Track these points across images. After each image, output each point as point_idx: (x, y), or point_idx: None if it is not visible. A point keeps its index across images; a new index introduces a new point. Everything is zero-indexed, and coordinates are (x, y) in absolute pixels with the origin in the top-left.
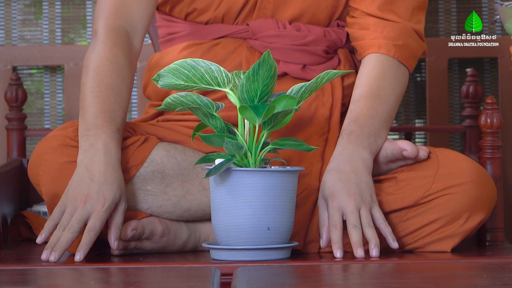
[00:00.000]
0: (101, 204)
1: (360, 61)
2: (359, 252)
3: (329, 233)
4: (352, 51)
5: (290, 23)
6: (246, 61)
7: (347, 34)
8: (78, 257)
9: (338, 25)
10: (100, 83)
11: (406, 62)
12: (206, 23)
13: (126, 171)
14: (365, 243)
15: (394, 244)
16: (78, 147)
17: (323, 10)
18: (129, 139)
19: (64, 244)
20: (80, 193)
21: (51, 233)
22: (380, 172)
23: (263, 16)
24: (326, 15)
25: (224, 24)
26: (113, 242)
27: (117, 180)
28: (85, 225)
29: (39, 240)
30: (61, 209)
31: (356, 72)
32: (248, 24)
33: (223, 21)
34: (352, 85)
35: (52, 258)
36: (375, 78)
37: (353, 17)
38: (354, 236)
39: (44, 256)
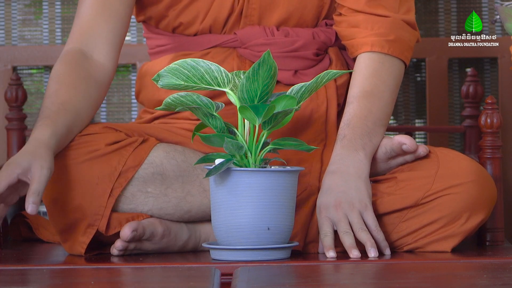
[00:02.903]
0: (5, 170)
1: (351, 58)
2: (354, 253)
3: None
4: (342, 48)
5: (277, 29)
6: (237, 70)
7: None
8: None
9: (326, 24)
10: (45, 99)
11: (401, 55)
12: (194, 35)
13: (124, 173)
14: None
15: (386, 252)
16: (75, 150)
17: (309, 11)
18: (126, 140)
19: None
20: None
21: None
22: (379, 172)
23: (250, 23)
24: (313, 16)
25: (212, 34)
26: (27, 206)
27: (30, 151)
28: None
29: None
30: None
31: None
32: (235, 33)
33: (211, 32)
34: (345, 84)
35: None
36: (368, 76)
37: (340, 14)
38: (347, 241)
39: None
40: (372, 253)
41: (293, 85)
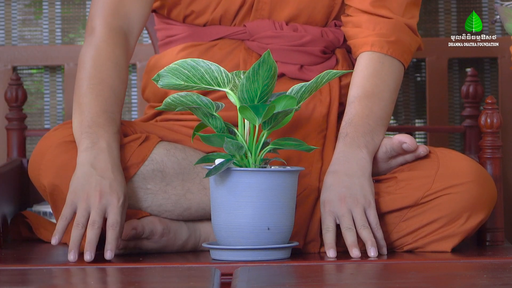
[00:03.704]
0: (116, 199)
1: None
2: (354, 252)
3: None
4: (349, 51)
5: (287, 24)
6: (243, 62)
7: None
8: (109, 255)
9: (335, 25)
10: (102, 81)
11: (400, 57)
12: (204, 25)
13: (127, 169)
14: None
15: (383, 251)
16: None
17: (319, 10)
18: (130, 136)
19: (94, 240)
20: (92, 190)
21: (64, 233)
22: (380, 171)
23: (260, 17)
24: (323, 15)
25: (222, 25)
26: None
27: (123, 180)
28: (105, 220)
29: (54, 241)
30: (72, 208)
31: None
32: (245, 26)
33: (221, 23)
34: (348, 85)
35: (88, 257)
36: (368, 76)
37: (347, 15)
38: (348, 238)
39: (71, 257)
40: (372, 252)
41: (298, 79)
